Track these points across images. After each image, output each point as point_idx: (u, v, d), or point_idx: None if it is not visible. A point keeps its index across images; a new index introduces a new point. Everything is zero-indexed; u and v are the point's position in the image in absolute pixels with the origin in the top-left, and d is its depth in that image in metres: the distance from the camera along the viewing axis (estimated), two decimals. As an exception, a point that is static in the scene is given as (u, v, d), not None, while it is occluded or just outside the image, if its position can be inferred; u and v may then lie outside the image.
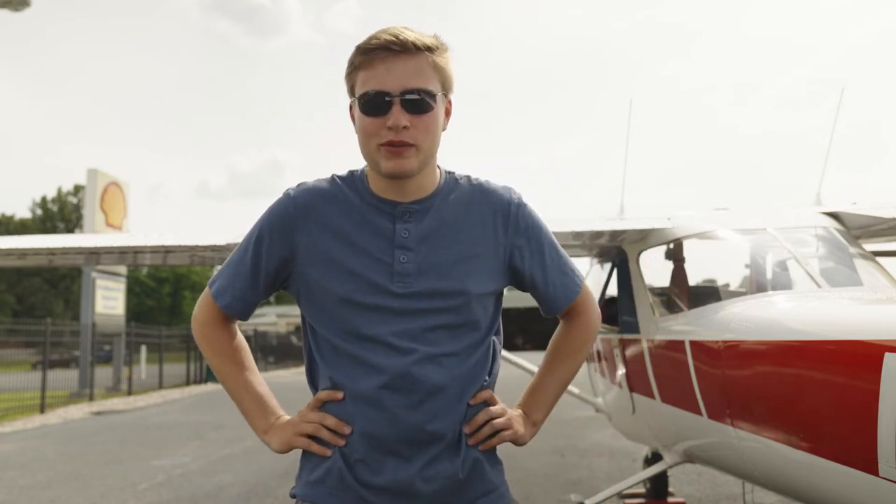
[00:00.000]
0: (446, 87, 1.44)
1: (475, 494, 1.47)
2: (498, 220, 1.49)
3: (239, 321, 1.58)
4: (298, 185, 1.51)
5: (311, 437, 1.46)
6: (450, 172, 1.53)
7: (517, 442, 1.53)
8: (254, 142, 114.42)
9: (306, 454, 1.50)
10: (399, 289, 1.41)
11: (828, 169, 4.79)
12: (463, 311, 1.44)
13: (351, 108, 1.46)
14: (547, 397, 1.60)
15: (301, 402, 1.48)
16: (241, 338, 1.58)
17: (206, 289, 1.56)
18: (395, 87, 1.36)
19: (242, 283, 1.50)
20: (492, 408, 1.49)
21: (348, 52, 1.44)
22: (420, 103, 1.38)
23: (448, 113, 1.48)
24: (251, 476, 6.82)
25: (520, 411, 1.58)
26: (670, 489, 5.27)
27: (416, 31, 1.40)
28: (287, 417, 1.53)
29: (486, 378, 1.49)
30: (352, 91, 1.44)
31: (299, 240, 1.45)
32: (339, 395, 1.43)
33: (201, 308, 1.56)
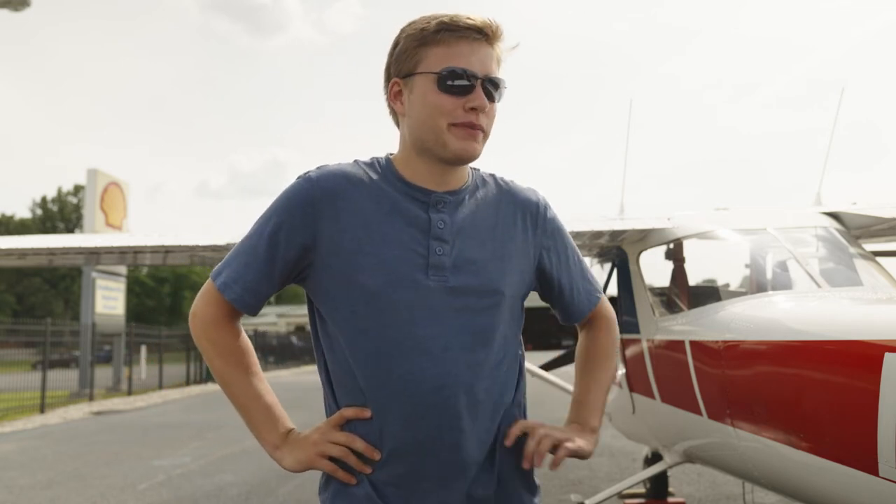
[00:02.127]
0: None
1: None
2: (527, 220, 1.45)
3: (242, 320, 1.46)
4: (319, 168, 1.39)
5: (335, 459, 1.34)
6: (475, 169, 1.47)
7: (581, 454, 1.39)
8: (254, 141, 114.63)
9: (327, 481, 1.38)
10: (434, 282, 1.32)
11: (828, 169, 4.79)
12: (496, 314, 1.36)
13: (396, 85, 1.39)
14: (597, 402, 1.51)
15: (300, 402, 1.44)
16: (245, 338, 1.42)
17: (209, 282, 1.40)
18: (480, 70, 1.33)
19: (256, 274, 1.35)
20: (527, 421, 1.40)
21: (349, 51, 1.43)
22: (496, 91, 1.36)
23: None
24: (251, 476, 6.82)
25: (572, 424, 1.48)
26: (670, 489, 5.28)
27: (494, 20, 1.37)
28: (299, 432, 1.38)
29: (514, 394, 1.42)
30: (414, 66, 1.35)
31: (323, 227, 1.33)
32: (367, 413, 1.32)
33: (204, 304, 1.39)
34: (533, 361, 5.69)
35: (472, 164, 1.44)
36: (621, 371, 4.54)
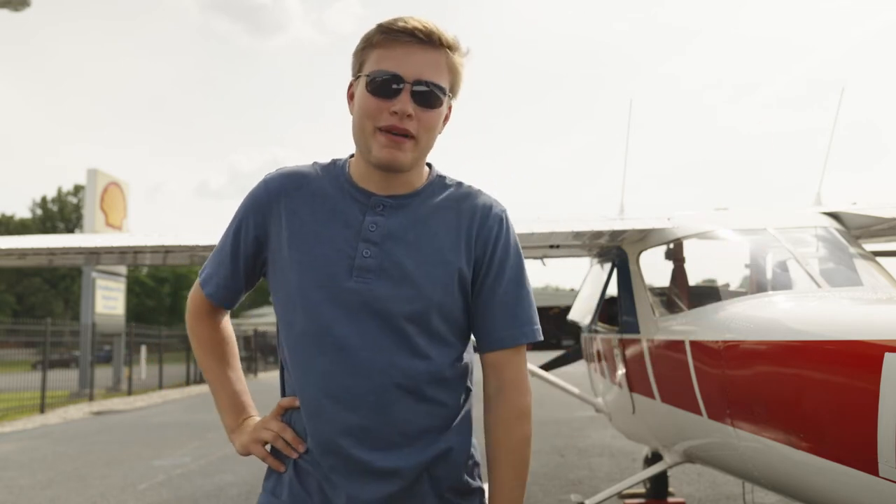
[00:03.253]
0: (454, 90, 1.40)
1: None
2: (472, 228, 1.39)
3: (229, 313, 1.55)
4: (278, 170, 1.45)
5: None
6: (441, 176, 1.45)
7: None
8: (255, 141, 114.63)
9: (269, 469, 1.44)
10: (356, 284, 1.32)
11: (828, 169, 4.79)
12: (423, 320, 1.33)
13: (351, 86, 1.40)
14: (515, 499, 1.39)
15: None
16: (228, 331, 1.54)
17: (197, 279, 1.53)
18: (409, 73, 1.31)
19: (226, 270, 1.46)
20: None
21: (350, 50, 1.41)
22: (429, 96, 1.33)
23: (447, 118, 1.42)
24: (251, 476, 6.81)
25: None
26: (670, 489, 5.28)
27: (439, 27, 1.36)
28: (257, 419, 1.48)
29: (461, 404, 1.39)
30: (359, 68, 1.37)
31: (271, 225, 1.40)
32: (297, 402, 1.37)
33: (191, 299, 1.53)
34: (533, 361, 5.70)
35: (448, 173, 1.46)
36: (621, 371, 4.54)
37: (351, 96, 1.40)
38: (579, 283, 6.46)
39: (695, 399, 3.39)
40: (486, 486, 1.44)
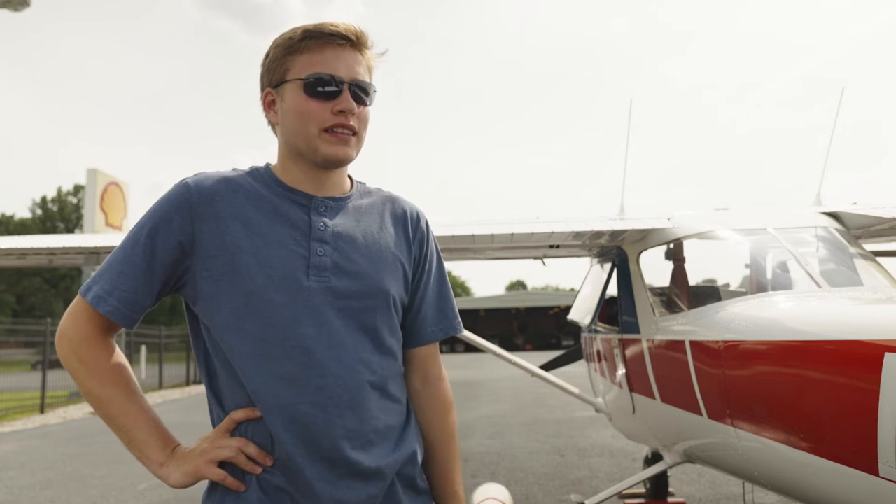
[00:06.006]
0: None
1: None
2: (407, 228, 1.47)
3: (120, 329, 1.37)
4: (196, 174, 1.37)
5: (226, 467, 1.31)
6: (360, 182, 1.50)
7: None
8: (255, 140, 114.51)
9: (212, 488, 1.34)
10: (315, 283, 1.31)
11: (828, 169, 4.78)
12: (380, 314, 1.37)
13: (268, 94, 1.40)
14: (458, 486, 1.51)
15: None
16: (121, 355, 1.36)
17: (77, 299, 1.34)
18: (345, 74, 1.36)
19: (132, 283, 1.30)
20: None
21: None
22: (365, 95, 1.38)
23: None
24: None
25: None
26: (670, 489, 5.28)
27: (361, 27, 1.40)
28: (185, 447, 1.36)
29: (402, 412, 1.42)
30: (280, 74, 1.37)
31: (202, 229, 1.30)
32: (258, 413, 1.29)
33: (73, 322, 1.32)
34: (533, 361, 5.70)
35: (358, 177, 1.49)
36: (621, 371, 4.54)
37: (270, 104, 1.41)
38: (579, 283, 6.46)
39: (695, 399, 3.39)
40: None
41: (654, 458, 5.10)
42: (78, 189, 52.82)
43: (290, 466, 1.28)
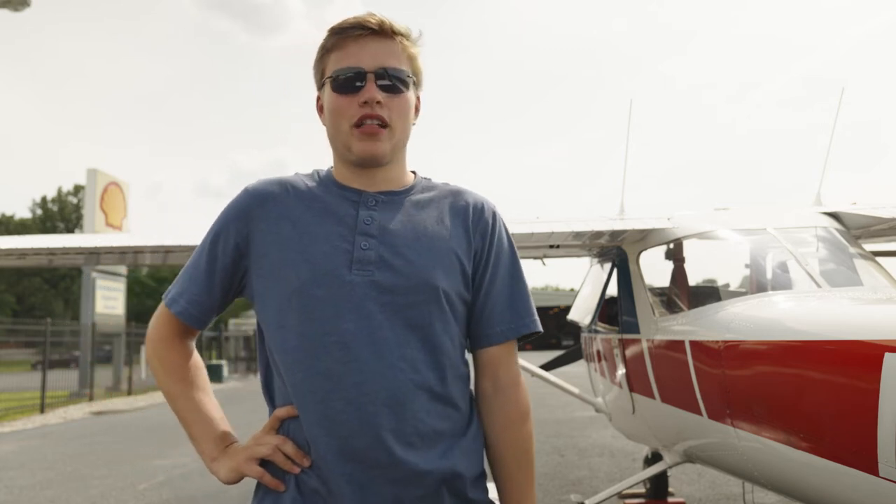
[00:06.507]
0: (417, 79, 1.39)
1: None
2: (469, 220, 1.39)
3: (198, 332, 1.44)
4: (257, 181, 1.42)
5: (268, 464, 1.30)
6: (427, 178, 1.46)
7: None
8: (255, 141, 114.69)
9: (258, 487, 1.33)
10: (358, 277, 1.27)
11: (828, 169, 4.78)
12: (430, 310, 1.29)
13: (318, 99, 1.40)
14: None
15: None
16: (198, 358, 1.43)
17: (161, 303, 1.43)
18: (369, 64, 1.32)
19: (198, 286, 1.37)
20: None
21: None
22: (394, 82, 1.33)
23: (417, 109, 1.41)
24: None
25: None
26: (670, 489, 5.28)
27: (389, 17, 1.36)
28: (240, 445, 1.35)
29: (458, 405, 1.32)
30: (319, 77, 1.38)
31: (255, 230, 1.34)
32: (295, 411, 1.28)
33: (154, 324, 1.42)
34: (533, 361, 5.70)
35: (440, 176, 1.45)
36: (621, 371, 4.55)
37: (321, 108, 1.41)
38: (579, 283, 6.46)
39: (695, 399, 3.39)
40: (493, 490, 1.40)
41: (654, 458, 5.10)
42: (78, 189, 52.81)
43: (322, 466, 1.25)
